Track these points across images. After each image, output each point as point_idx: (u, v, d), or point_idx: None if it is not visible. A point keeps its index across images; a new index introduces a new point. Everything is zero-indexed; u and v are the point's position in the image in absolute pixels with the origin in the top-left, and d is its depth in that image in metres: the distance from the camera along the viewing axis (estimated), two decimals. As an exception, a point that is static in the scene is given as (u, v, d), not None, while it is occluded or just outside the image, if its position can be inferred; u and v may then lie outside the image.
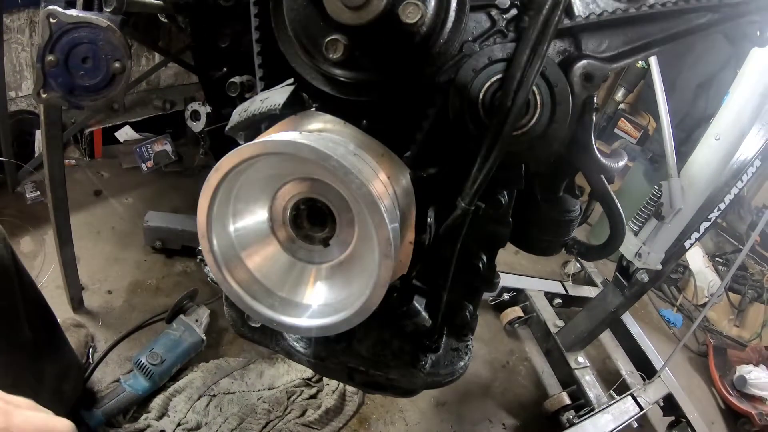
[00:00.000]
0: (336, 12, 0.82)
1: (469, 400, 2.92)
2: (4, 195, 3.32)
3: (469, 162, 0.95)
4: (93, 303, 2.81)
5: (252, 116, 0.97)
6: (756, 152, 2.43)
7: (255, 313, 0.93)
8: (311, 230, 0.93)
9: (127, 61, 1.29)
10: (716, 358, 3.69)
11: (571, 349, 3.02)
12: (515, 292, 3.47)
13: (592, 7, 0.94)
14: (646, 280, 2.61)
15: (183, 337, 2.53)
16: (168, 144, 4.05)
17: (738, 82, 2.20)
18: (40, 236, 3.08)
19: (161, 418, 2.34)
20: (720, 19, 0.98)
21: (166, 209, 3.36)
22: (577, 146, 1.05)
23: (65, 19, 1.23)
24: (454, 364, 1.29)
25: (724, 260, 4.62)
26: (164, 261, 3.22)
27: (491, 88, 0.94)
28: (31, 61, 3.38)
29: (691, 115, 4.04)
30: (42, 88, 1.31)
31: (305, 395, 2.60)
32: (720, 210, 2.52)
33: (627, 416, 2.75)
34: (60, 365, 2.00)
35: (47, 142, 2.17)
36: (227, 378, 2.58)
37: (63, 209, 2.39)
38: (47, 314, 1.92)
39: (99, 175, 3.79)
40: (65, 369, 2.04)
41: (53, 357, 1.96)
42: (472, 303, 1.20)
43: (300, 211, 0.92)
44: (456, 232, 1.08)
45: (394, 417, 2.69)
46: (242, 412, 2.43)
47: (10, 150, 3.19)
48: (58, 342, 2.01)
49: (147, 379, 2.34)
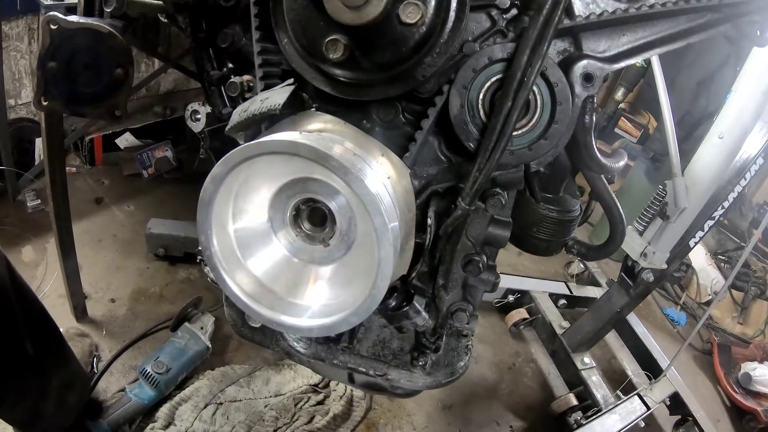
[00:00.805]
0: (336, 12, 0.82)
1: (475, 403, 2.91)
2: (5, 203, 3.32)
3: (469, 162, 0.95)
4: (96, 312, 2.81)
5: (252, 116, 0.98)
6: (759, 150, 2.44)
7: (255, 313, 0.93)
8: (311, 230, 0.93)
9: (129, 67, 1.29)
10: (721, 355, 3.68)
11: (576, 350, 3.01)
12: (520, 293, 3.46)
13: (592, 7, 0.94)
14: (652, 280, 2.61)
15: (188, 345, 2.52)
16: (169, 150, 4.05)
17: (740, 81, 2.20)
18: (42, 245, 3.08)
19: (168, 427, 2.33)
20: (720, 18, 0.98)
21: (167, 216, 3.36)
22: (577, 146, 1.05)
23: (66, 26, 1.23)
24: (453, 364, 1.29)
25: (727, 258, 4.61)
26: (167, 268, 3.22)
27: (491, 88, 0.94)
28: (30, 69, 3.38)
29: (691, 114, 4.04)
30: (43, 96, 1.31)
31: (312, 401, 2.59)
32: (724, 208, 2.52)
33: (634, 416, 2.75)
34: (64, 376, 1.99)
35: (48, 150, 2.17)
36: (233, 385, 2.58)
37: (65, 217, 2.39)
38: (49, 325, 1.92)
39: (100, 183, 3.80)
40: (70, 379, 2.03)
41: (57, 368, 1.95)
42: (472, 303, 1.20)
43: (300, 211, 0.92)
44: (456, 232, 1.07)
45: (402, 422, 2.68)
46: (249, 419, 2.42)
47: (10, 158, 3.18)
48: (61, 352, 2.01)
49: (153, 388, 2.33)
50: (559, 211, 1.27)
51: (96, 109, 1.42)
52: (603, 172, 1.22)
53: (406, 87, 0.96)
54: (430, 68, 0.94)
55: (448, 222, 1.02)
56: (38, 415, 1.89)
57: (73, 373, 2.09)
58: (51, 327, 1.93)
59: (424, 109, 1.00)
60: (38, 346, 1.81)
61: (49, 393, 1.88)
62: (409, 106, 1.04)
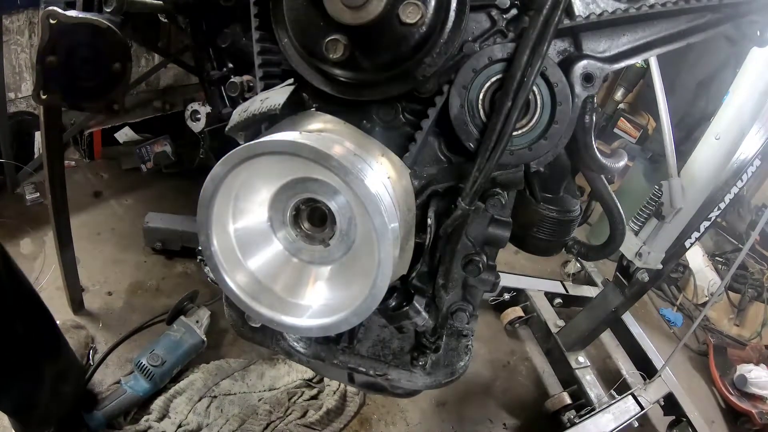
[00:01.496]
0: (336, 12, 0.82)
1: (470, 400, 2.92)
2: (4, 196, 3.32)
3: (469, 162, 0.95)
4: (93, 304, 2.81)
5: (252, 116, 0.98)
6: (756, 151, 2.44)
7: (255, 313, 0.93)
8: (311, 230, 0.93)
9: (127, 62, 1.29)
10: (716, 357, 3.69)
11: (571, 349, 3.02)
12: (515, 292, 3.47)
13: (592, 7, 0.94)
14: (647, 280, 2.61)
15: (184, 338, 2.53)
16: (168, 145, 4.04)
17: (738, 82, 2.20)
18: (40, 238, 3.08)
19: (162, 419, 2.34)
20: (720, 19, 0.98)
21: (165, 210, 3.36)
22: (577, 146, 1.06)
23: (65, 20, 1.23)
24: (453, 364, 1.29)
25: (724, 259, 4.62)
26: (164, 262, 3.22)
27: (491, 88, 0.94)
28: (30, 63, 3.37)
29: (690, 114, 4.03)
30: (42, 90, 1.31)
31: (306, 396, 2.60)
32: (720, 209, 2.53)
33: (628, 416, 2.75)
34: (59, 367, 1.99)
35: (47, 143, 2.16)
36: (228, 379, 2.58)
37: (63, 210, 2.39)
38: (43, 314, 1.92)
39: (99, 177, 3.80)
40: (64, 370, 2.04)
41: (51, 357, 1.95)
42: (472, 303, 1.20)
43: (300, 211, 0.92)
44: (456, 232, 1.08)
45: (395, 417, 2.68)
46: (243, 413, 2.43)
47: (9, 151, 3.19)
48: (56, 342, 2.01)
49: (148, 380, 2.34)
50: (559, 211, 1.27)
51: (94, 103, 1.43)
52: (603, 172, 1.22)
53: (406, 87, 0.96)
54: (430, 68, 0.94)
55: (448, 222, 1.02)
56: (32, 405, 1.89)
57: (67, 364, 2.10)
58: (45, 316, 1.94)
59: (424, 109, 1.00)
60: (32, 334, 1.81)
61: (43, 382, 1.88)
62: (409, 106, 1.04)
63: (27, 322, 1.79)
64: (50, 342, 1.97)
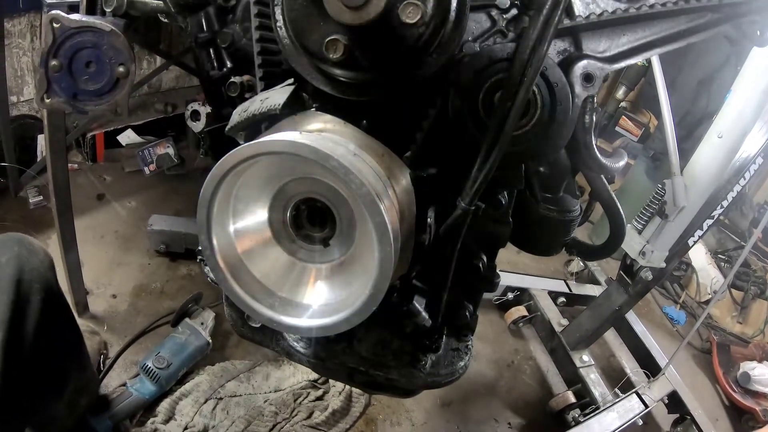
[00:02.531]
0: (336, 12, 0.82)
1: (474, 400, 2.92)
2: (7, 200, 3.33)
3: (469, 162, 0.95)
4: (98, 307, 2.82)
5: (252, 116, 0.98)
6: (758, 150, 2.44)
7: (255, 313, 0.93)
8: (311, 230, 0.93)
9: (130, 65, 1.29)
10: (720, 355, 3.68)
11: (575, 348, 3.02)
12: (519, 291, 3.47)
13: (593, 7, 0.95)
14: (650, 278, 2.62)
15: (189, 340, 2.53)
16: (170, 147, 4.05)
17: (740, 80, 2.21)
18: (44, 241, 3.08)
19: (168, 422, 2.34)
20: (720, 18, 0.98)
21: (169, 212, 3.37)
22: (577, 146, 1.06)
23: (68, 24, 1.23)
24: (454, 364, 1.29)
25: (727, 257, 4.61)
26: (168, 264, 3.23)
27: (491, 88, 0.94)
28: (32, 66, 3.38)
29: (692, 113, 4.03)
30: (45, 93, 1.31)
31: (312, 397, 2.61)
32: (723, 207, 2.53)
33: (632, 414, 2.76)
34: (81, 381, 1.97)
35: (50, 146, 2.17)
36: (233, 381, 2.59)
37: (66, 214, 2.40)
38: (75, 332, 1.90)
39: (101, 179, 3.81)
40: (84, 384, 2.02)
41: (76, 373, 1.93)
42: (472, 303, 1.20)
43: (300, 211, 0.92)
44: (456, 232, 1.08)
45: (401, 418, 2.69)
46: (249, 414, 2.44)
47: (12, 155, 3.20)
48: (82, 359, 1.99)
49: (153, 383, 2.34)
50: (559, 211, 1.27)
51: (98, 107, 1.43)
52: (603, 172, 1.22)
53: (406, 87, 0.96)
54: (430, 68, 0.94)
55: (448, 222, 1.02)
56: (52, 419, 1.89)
57: (87, 378, 2.07)
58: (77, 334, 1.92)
59: (424, 109, 1.00)
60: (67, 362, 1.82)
61: (63, 396, 1.87)
62: (410, 106, 1.04)
63: (65, 351, 1.80)
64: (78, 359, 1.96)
